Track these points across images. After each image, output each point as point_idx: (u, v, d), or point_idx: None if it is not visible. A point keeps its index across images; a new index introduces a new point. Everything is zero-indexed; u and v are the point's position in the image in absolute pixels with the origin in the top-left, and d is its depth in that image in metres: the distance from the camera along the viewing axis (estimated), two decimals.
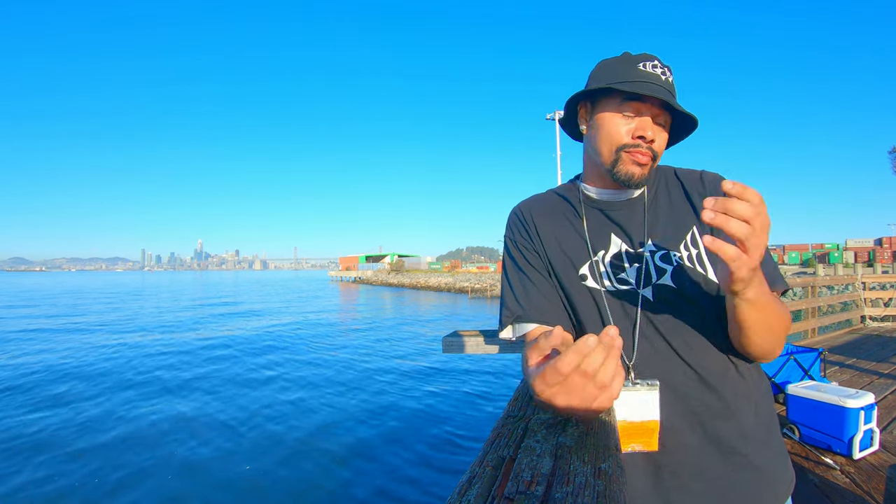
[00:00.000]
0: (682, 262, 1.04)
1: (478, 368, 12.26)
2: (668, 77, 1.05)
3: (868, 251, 49.24)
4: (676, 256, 1.05)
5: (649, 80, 1.03)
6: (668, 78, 1.04)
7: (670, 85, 1.05)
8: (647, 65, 1.04)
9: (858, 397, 3.36)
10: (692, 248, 1.05)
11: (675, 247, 1.06)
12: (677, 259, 1.05)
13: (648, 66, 1.04)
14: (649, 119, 1.04)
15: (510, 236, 1.22)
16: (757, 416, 1.04)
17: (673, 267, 1.04)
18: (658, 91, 1.00)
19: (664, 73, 1.04)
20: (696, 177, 1.13)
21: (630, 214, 1.12)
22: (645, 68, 1.04)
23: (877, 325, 10.29)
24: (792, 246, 57.28)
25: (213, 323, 23.93)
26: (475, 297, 44.41)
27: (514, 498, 0.52)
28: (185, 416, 8.83)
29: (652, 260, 1.06)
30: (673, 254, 1.05)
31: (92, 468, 6.51)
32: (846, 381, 5.71)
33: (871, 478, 3.07)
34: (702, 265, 1.04)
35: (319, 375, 12.02)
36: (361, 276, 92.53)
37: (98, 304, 38.32)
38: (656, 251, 1.06)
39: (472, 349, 1.97)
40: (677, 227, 1.08)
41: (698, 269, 1.03)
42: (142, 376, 12.03)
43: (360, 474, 6.31)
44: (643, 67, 1.04)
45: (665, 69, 1.05)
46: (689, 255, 1.05)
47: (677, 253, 1.05)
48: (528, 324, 1.11)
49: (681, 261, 1.04)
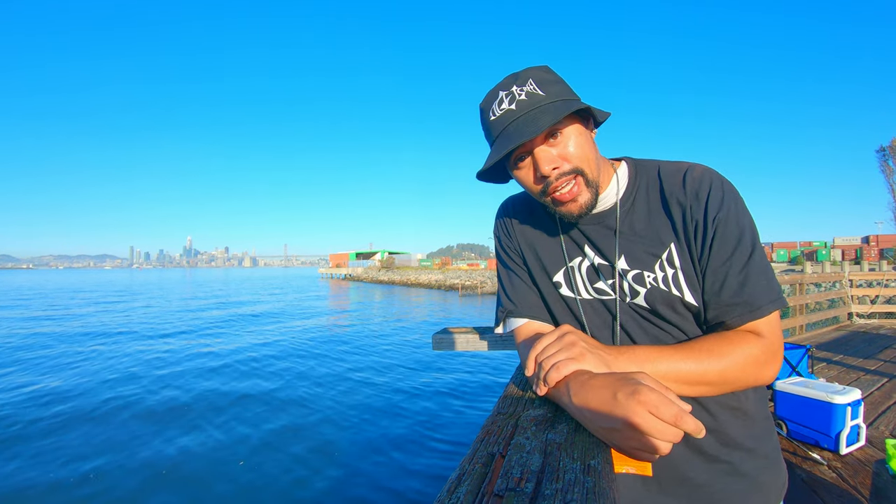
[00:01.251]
0: (656, 283, 0.98)
1: (469, 364, 12.27)
2: (519, 97, 0.92)
3: (855, 249, 49.81)
4: (650, 278, 0.98)
5: (506, 123, 0.93)
6: (520, 98, 0.92)
7: (528, 101, 0.92)
8: (495, 109, 0.95)
9: (845, 393, 3.39)
10: (668, 268, 0.97)
11: (650, 267, 0.99)
12: (651, 281, 0.98)
13: (496, 109, 0.95)
14: (540, 152, 0.93)
15: (497, 234, 1.21)
16: (745, 425, 1.02)
17: (647, 289, 0.98)
18: (515, 133, 0.90)
19: (513, 100, 0.93)
20: (678, 179, 0.99)
21: (601, 230, 1.04)
22: (495, 115, 0.95)
23: (863, 322, 10.41)
24: (780, 244, 57.87)
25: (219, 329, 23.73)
26: (466, 294, 44.37)
27: (504, 495, 0.52)
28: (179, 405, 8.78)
29: (625, 278, 1.00)
30: (647, 275, 0.99)
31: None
32: (833, 377, 5.77)
33: (857, 472, 3.10)
34: (677, 287, 0.96)
35: (310, 371, 11.97)
36: (352, 273, 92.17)
37: (108, 304, 37.93)
38: (629, 270, 1.00)
39: (462, 346, 1.97)
40: (652, 245, 0.99)
41: (673, 291, 0.97)
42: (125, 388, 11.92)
43: (343, 472, 6.30)
44: (493, 116, 0.95)
45: (512, 92, 0.93)
46: (665, 277, 0.97)
47: (651, 274, 0.98)
48: (517, 319, 1.11)
49: (655, 283, 0.98)
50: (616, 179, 1.04)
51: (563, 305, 1.09)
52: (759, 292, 0.91)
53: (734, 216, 0.93)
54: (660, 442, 0.66)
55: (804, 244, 57.22)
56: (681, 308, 0.97)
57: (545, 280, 1.11)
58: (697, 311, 0.97)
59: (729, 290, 0.92)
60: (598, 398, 0.72)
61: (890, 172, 44.57)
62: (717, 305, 0.94)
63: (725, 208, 0.93)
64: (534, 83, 0.93)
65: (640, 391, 0.67)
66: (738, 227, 0.93)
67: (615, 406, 0.69)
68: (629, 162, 1.08)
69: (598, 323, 1.05)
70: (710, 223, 0.93)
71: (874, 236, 52.30)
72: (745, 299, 0.91)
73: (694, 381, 0.87)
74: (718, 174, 0.98)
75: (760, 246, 0.94)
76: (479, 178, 1.03)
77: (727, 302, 0.92)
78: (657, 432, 0.65)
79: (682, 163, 1.03)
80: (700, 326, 0.99)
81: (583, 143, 0.95)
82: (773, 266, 37.20)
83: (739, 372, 0.88)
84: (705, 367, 0.87)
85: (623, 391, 0.69)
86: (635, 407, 0.66)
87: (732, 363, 0.88)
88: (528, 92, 0.93)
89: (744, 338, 0.90)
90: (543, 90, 0.93)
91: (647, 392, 0.67)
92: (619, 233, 1.02)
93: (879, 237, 51.83)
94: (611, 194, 1.04)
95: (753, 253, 0.92)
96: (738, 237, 0.92)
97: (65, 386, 10.86)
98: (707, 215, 0.93)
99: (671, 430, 0.65)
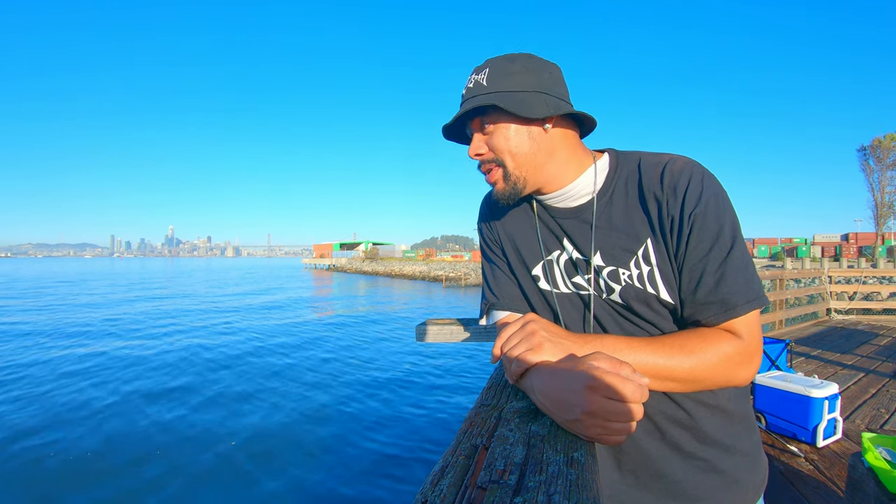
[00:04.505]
0: (631, 281, 0.97)
1: (452, 356, 12.29)
2: (469, 84, 0.99)
3: (835, 246, 50.53)
4: (626, 275, 0.97)
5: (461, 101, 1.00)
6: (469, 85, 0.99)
7: (472, 90, 0.97)
8: (466, 84, 1.01)
9: (823, 387, 3.44)
10: (643, 265, 0.96)
11: (625, 264, 0.97)
12: (626, 278, 0.97)
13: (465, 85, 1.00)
14: (474, 137, 1.01)
15: (479, 228, 1.21)
16: (723, 423, 1.01)
17: (622, 286, 0.97)
18: (456, 113, 0.97)
19: (470, 83, 0.99)
20: (657, 172, 0.97)
21: (578, 225, 1.03)
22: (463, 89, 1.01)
23: (841, 318, 10.61)
24: (761, 240, 58.55)
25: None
26: (450, 285, 44.53)
27: (487, 487, 0.52)
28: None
29: (601, 274, 1.00)
30: (622, 272, 0.97)
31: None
32: (811, 371, 5.86)
33: (833, 465, 3.16)
34: (652, 284, 0.95)
35: (294, 365, 11.92)
36: (336, 263, 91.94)
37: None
38: (605, 267, 0.99)
39: (445, 337, 1.96)
40: (629, 241, 0.98)
41: (648, 289, 0.95)
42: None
43: (318, 465, 6.29)
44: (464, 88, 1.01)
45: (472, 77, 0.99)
46: (640, 274, 0.96)
47: (626, 271, 0.97)
48: (500, 311, 1.11)
49: (630, 280, 0.97)
50: (594, 172, 1.02)
51: (541, 298, 1.09)
52: (736, 291, 0.88)
53: (713, 211, 0.90)
54: (621, 425, 0.66)
55: (785, 240, 57.94)
56: (657, 305, 0.96)
57: (524, 273, 1.11)
58: (674, 308, 0.95)
59: (705, 288, 0.89)
60: (555, 391, 0.72)
61: (870, 171, 45.38)
62: (692, 304, 0.92)
63: (703, 203, 0.90)
64: (487, 74, 0.96)
65: (593, 378, 0.67)
66: (717, 223, 0.89)
67: (571, 397, 0.69)
68: (611, 154, 1.05)
69: (575, 317, 1.05)
70: (687, 219, 0.90)
71: (853, 234, 53.13)
72: (721, 298, 0.88)
73: (662, 376, 0.86)
74: (701, 167, 0.95)
75: (742, 243, 0.91)
76: (443, 134, 1.08)
77: (702, 300, 0.90)
78: (617, 415, 0.65)
79: (664, 155, 1.00)
80: (678, 324, 0.97)
81: (510, 138, 0.97)
82: (754, 262, 38.12)
83: (710, 371, 0.86)
84: (674, 364, 0.85)
85: (576, 380, 0.69)
86: (591, 396, 0.66)
87: (703, 361, 0.86)
88: (477, 81, 0.97)
89: (719, 336, 0.88)
90: (491, 82, 0.95)
91: (600, 376, 0.66)
92: (596, 227, 1.00)
93: (858, 235, 52.68)
94: (586, 187, 1.02)
95: (732, 250, 0.89)
96: (716, 233, 0.89)
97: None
98: (683, 210, 0.91)
99: (630, 409, 0.65)
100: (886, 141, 43.93)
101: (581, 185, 1.02)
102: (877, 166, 44.72)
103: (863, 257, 42.14)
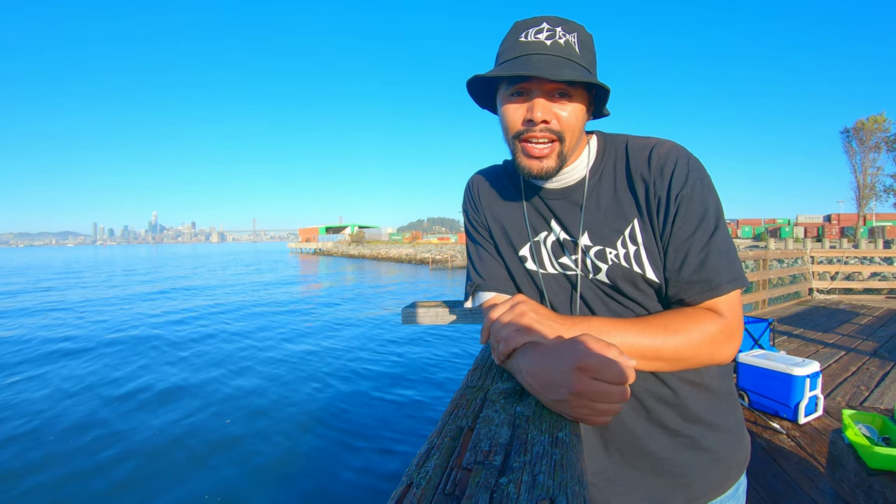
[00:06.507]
0: (617, 260, 0.97)
1: (439, 338, 12.35)
2: (558, 39, 0.90)
3: (817, 227, 51.28)
4: (612, 255, 0.97)
5: (532, 52, 0.90)
6: (558, 40, 0.90)
7: (563, 48, 0.89)
8: (531, 33, 0.91)
9: (804, 366, 3.51)
10: (630, 244, 0.97)
11: (612, 244, 0.98)
12: (613, 257, 0.97)
13: (532, 33, 0.91)
14: (541, 98, 0.90)
15: (465, 209, 1.20)
16: (707, 400, 1.03)
17: (608, 266, 0.98)
18: (537, 65, 0.86)
19: (552, 37, 0.90)
20: (644, 154, 0.97)
21: (567, 205, 1.03)
22: (527, 38, 0.91)
23: (823, 298, 10.80)
24: (745, 220, 59.26)
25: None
26: (436, 268, 44.55)
27: (473, 468, 0.52)
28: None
29: (588, 254, 1.00)
30: (609, 251, 0.98)
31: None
32: (793, 349, 5.97)
33: (814, 441, 3.24)
34: (639, 264, 0.96)
35: (279, 349, 11.90)
36: (322, 247, 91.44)
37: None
38: (592, 247, 0.99)
39: (431, 319, 1.96)
40: (616, 221, 0.98)
41: (635, 268, 0.96)
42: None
43: (306, 450, 6.32)
44: (525, 38, 0.91)
45: (555, 30, 0.90)
46: (626, 254, 0.97)
47: (613, 250, 0.97)
48: (486, 293, 1.10)
49: (616, 259, 0.97)
50: (587, 153, 1.03)
51: (528, 279, 1.09)
52: (719, 271, 0.90)
53: (699, 193, 0.92)
54: (607, 406, 0.67)
55: (768, 221, 58.67)
56: (642, 284, 0.97)
57: (511, 254, 1.10)
58: (659, 287, 0.96)
59: (689, 267, 0.91)
60: (543, 371, 0.73)
61: (853, 153, 45.84)
62: (676, 283, 0.93)
63: (689, 185, 0.92)
64: (577, 39, 0.92)
65: (580, 359, 0.68)
66: (702, 205, 0.92)
67: (558, 378, 0.69)
68: (599, 136, 1.06)
69: (562, 298, 1.05)
70: (673, 200, 0.92)
71: (836, 215, 53.95)
72: (705, 277, 0.90)
73: (648, 356, 0.87)
74: (686, 151, 0.97)
75: (724, 225, 0.93)
76: (468, 84, 1.00)
77: (687, 279, 0.92)
78: (603, 396, 0.66)
79: (650, 138, 1.01)
80: (662, 303, 0.99)
81: (579, 117, 0.93)
82: (738, 242, 37.78)
83: (695, 349, 0.88)
84: (660, 343, 0.87)
85: (564, 361, 0.70)
86: (578, 377, 0.67)
87: (688, 340, 0.87)
88: (569, 41, 0.91)
89: (703, 315, 0.90)
90: (583, 52, 0.92)
91: (586, 358, 0.67)
92: (585, 208, 1.01)
93: (841, 216, 53.52)
94: (580, 168, 1.02)
95: (716, 231, 0.91)
96: (701, 215, 0.91)
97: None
98: (670, 192, 0.92)
99: (617, 390, 0.66)
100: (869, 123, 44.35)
101: (576, 164, 1.02)
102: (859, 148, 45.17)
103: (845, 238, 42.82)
